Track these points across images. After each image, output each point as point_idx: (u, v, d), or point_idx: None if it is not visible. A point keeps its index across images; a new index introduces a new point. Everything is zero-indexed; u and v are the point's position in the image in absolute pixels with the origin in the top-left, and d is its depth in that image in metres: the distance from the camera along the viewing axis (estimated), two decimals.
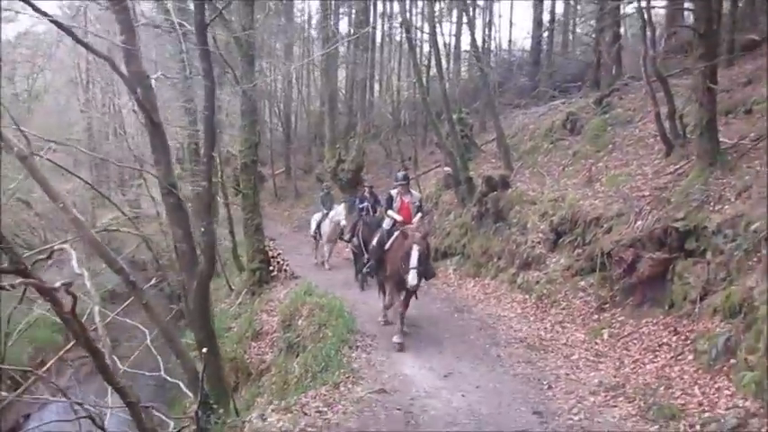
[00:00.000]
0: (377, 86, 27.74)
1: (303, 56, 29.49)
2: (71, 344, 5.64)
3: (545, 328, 7.76)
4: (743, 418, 4.17)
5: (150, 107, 5.54)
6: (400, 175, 8.63)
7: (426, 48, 15.21)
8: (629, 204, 8.24)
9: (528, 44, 20.93)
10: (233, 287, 14.54)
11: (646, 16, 9.44)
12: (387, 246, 7.94)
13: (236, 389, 10.15)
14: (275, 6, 20.25)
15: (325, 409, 5.02)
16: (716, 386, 4.96)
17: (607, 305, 7.60)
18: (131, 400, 5.00)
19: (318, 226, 13.42)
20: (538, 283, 9.06)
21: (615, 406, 5.16)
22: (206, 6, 6.30)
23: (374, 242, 8.49)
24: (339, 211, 12.55)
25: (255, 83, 12.56)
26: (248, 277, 13.03)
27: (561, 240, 9.19)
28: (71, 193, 17.18)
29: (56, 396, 6.04)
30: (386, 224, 8.32)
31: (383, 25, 21.85)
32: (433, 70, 15.54)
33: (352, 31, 22.11)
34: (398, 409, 5.11)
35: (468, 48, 18.28)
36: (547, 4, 19.93)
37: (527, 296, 9.07)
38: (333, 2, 22.21)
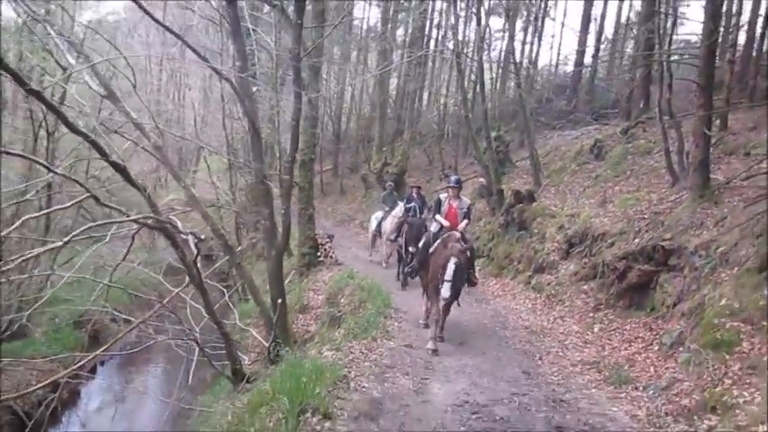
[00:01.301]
0: (426, 96, 29.43)
1: (359, 60, 31.50)
2: (184, 285, 7.49)
3: (548, 320, 9.30)
4: (672, 381, 5.69)
5: (253, 116, 7.38)
6: (453, 178, 8.55)
7: (474, 64, 16.52)
8: (630, 224, 9.71)
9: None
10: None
11: (664, 66, 10.85)
12: (431, 250, 7.94)
13: None
14: (337, 15, 22.20)
15: (367, 351, 6.74)
16: (665, 366, 6.43)
17: (602, 306, 9.06)
18: (225, 331, 6.85)
19: (379, 224, 13.73)
20: (549, 284, 10.59)
21: (587, 375, 6.70)
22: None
23: (420, 244, 8.50)
24: (401, 210, 12.62)
25: (320, 92, 14.42)
26: (298, 260, 14.84)
27: (572, 250, 10.69)
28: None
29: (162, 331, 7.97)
30: (433, 228, 8.30)
31: (436, 44, 23.46)
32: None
33: (407, 40, 23.93)
34: (420, 359, 6.80)
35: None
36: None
37: (538, 295, 10.61)
38: (391, 11, 23.91)
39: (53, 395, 10.13)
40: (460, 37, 17.09)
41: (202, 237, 6.10)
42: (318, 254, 14.69)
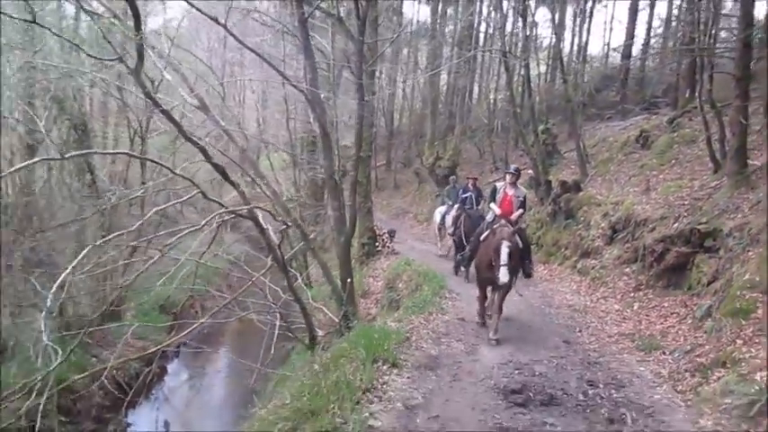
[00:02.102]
0: (476, 89, 30.08)
1: (409, 57, 32.45)
2: (267, 268, 8.73)
3: (590, 300, 10.07)
4: (695, 346, 6.46)
5: (323, 120, 8.52)
6: (512, 167, 8.51)
7: (521, 62, 17.20)
8: (671, 209, 10.32)
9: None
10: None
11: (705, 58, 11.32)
12: (482, 238, 7.97)
13: None
14: (388, 16, 23.22)
15: (425, 322, 7.78)
16: (694, 336, 7.16)
17: (642, 286, 9.75)
18: (303, 305, 8.04)
19: (443, 218, 13.92)
20: (593, 268, 11.32)
21: (621, 344, 7.50)
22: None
23: (476, 233, 8.53)
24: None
25: (375, 93, 15.51)
26: (358, 250, 16.03)
27: (616, 236, 11.35)
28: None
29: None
30: (489, 216, 8.25)
31: (485, 40, 24.11)
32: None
33: (455, 38, 24.68)
34: (471, 329, 7.79)
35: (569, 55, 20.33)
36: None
37: (582, 278, 11.36)
38: (440, 8, 24.68)
39: (148, 368, 11.74)
40: (507, 36, 17.78)
41: (288, 224, 7.34)
42: (377, 244, 15.86)
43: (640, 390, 5.75)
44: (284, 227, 7.30)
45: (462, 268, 11.28)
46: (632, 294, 9.73)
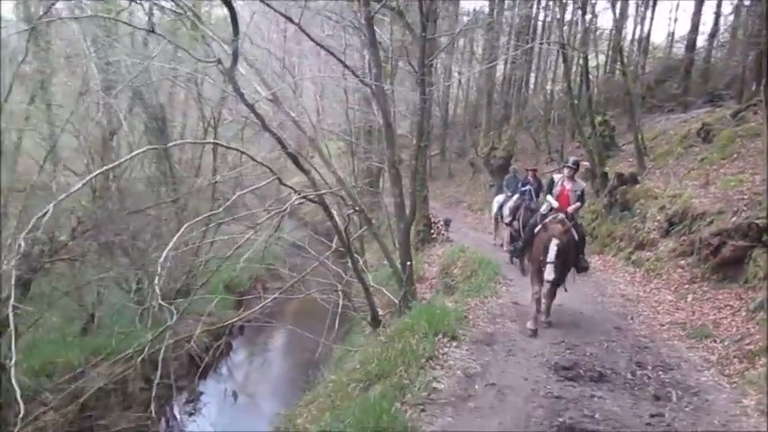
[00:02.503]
0: (533, 79, 29.91)
1: (465, 47, 32.51)
2: (331, 251, 9.40)
3: (644, 291, 10.25)
4: (745, 335, 6.69)
5: (386, 113, 9.06)
6: (571, 159, 8.41)
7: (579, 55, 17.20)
8: (729, 204, 10.34)
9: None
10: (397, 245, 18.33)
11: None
12: (535, 231, 7.86)
13: None
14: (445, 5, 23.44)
15: (480, 305, 8.26)
16: (746, 327, 7.35)
17: (697, 279, 9.85)
18: (366, 285, 8.64)
19: (500, 208, 13.75)
20: (648, 260, 11.44)
21: (672, 332, 7.75)
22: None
23: (529, 225, 8.41)
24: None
25: (433, 85, 15.93)
26: (414, 236, 16.55)
27: (672, 229, 11.42)
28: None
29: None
30: (543, 209, 8.18)
31: (543, 31, 24.02)
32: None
33: (513, 29, 24.68)
34: (525, 312, 8.19)
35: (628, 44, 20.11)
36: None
37: (637, 269, 11.50)
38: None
39: (216, 343, 12.69)
40: (566, 26, 17.76)
41: (356, 209, 7.97)
42: (432, 231, 16.37)
43: (687, 372, 6.06)
44: (351, 211, 7.93)
45: (515, 259, 11.55)
46: (686, 286, 9.86)
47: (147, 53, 12.52)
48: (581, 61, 16.29)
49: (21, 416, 4.84)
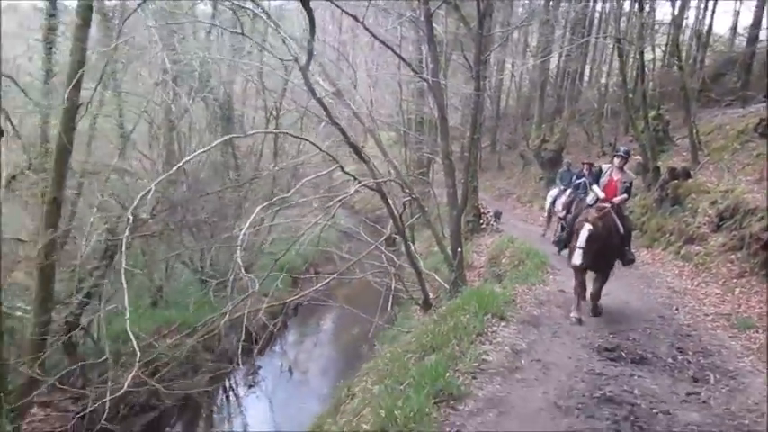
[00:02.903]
0: (587, 71, 29.58)
1: (519, 40, 32.36)
2: (385, 237, 9.99)
3: (691, 284, 10.41)
4: None
5: (442, 106, 9.54)
6: (622, 149, 8.20)
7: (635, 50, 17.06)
8: None
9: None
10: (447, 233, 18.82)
11: None
12: (578, 221, 7.60)
13: None
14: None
15: (527, 291, 8.69)
16: None
17: (746, 273, 9.95)
18: (419, 269, 9.20)
19: (554, 202, 13.77)
20: (697, 254, 11.53)
21: (716, 322, 7.98)
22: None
23: (573, 216, 8.44)
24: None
25: (486, 78, 16.23)
26: (463, 226, 16.99)
27: (723, 224, 11.47)
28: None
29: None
30: (589, 199, 8.06)
31: (599, 24, 23.78)
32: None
33: (569, 19, 24.52)
34: (571, 300, 8.57)
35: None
36: None
37: (685, 263, 11.60)
38: None
39: (273, 321, 13.54)
40: (623, 20, 17.70)
41: (413, 196, 8.55)
42: (481, 222, 16.77)
43: (727, 358, 6.36)
44: (408, 199, 8.49)
45: (562, 251, 11.80)
46: (734, 280, 9.97)
47: (210, 47, 13.47)
48: (637, 55, 16.23)
49: (138, 359, 5.63)
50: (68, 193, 8.91)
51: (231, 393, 13.74)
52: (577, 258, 6.96)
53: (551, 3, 24.30)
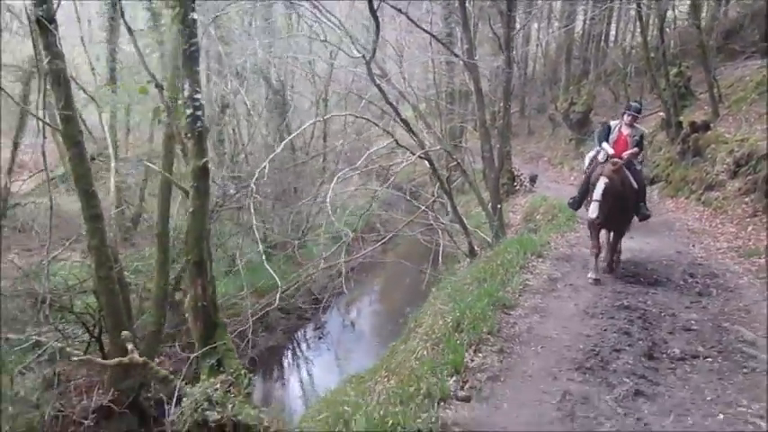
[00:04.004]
0: (613, 32, 30.06)
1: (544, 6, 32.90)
2: (432, 201, 11.49)
3: (709, 225, 11.62)
4: None
5: (477, 80, 10.88)
6: (634, 105, 8.16)
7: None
8: None
9: None
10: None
11: None
12: (592, 179, 7.67)
13: None
14: None
15: (560, 237, 10.11)
16: None
17: (759, 213, 11.09)
18: (464, 224, 10.66)
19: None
20: (716, 199, 12.68)
21: (727, 254, 9.26)
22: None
23: (587, 174, 8.31)
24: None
25: (514, 50, 17.35)
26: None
27: (739, 170, 12.58)
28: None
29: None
30: (600, 156, 8.00)
31: None
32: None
33: None
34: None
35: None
36: None
37: (705, 208, 12.78)
38: None
39: (332, 284, 15.24)
40: None
41: (457, 161, 10.02)
42: (515, 184, 18.09)
43: (730, 279, 7.70)
44: (454, 164, 9.94)
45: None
46: (748, 219, 11.14)
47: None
48: (656, 19, 17.05)
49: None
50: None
51: (304, 346, 15.58)
52: (594, 211, 7.02)
53: None
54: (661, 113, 16.89)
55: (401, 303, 15.94)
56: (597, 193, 7.04)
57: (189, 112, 6.75)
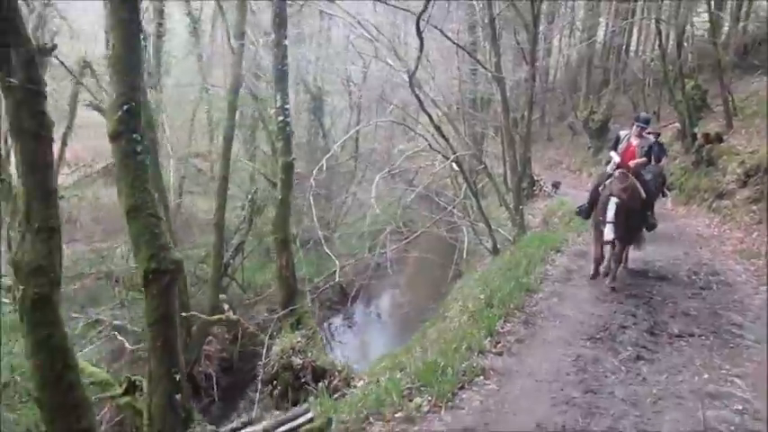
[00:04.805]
0: (633, 42, 30.74)
1: (565, 14, 33.68)
2: (458, 201, 12.48)
3: (717, 231, 12.47)
4: None
5: (503, 91, 11.85)
6: (643, 115, 8.26)
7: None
8: None
9: None
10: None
11: None
12: (600, 189, 7.75)
13: None
14: None
15: (577, 236, 11.03)
16: None
17: (765, 220, 11.96)
18: (489, 223, 11.62)
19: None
20: (725, 207, 13.51)
21: (731, 256, 10.11)
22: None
23: (595, 184, 8.25)
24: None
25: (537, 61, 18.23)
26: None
27: (748, 180, 13.39)
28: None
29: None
30: (609, 167, 8.01)
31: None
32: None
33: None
34: None
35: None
36: None
37: (715, 215, 13.60)
38: None
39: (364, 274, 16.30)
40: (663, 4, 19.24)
41: (483, 164, 11.04)
42: (534, 188, 18.99)
43: (730, 276, 8.58)
44: (481, 166, 10.96)
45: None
46: (754, 226, 11.96)
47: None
48: (674, 36, 17.83)
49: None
50: None
51: (333, 332, 16.65)
52: (609, 234, 7.00)
53: None
54: (677, 124, 17.68)
55: (426, 296, 16.93)
56: (610, 214, 7.03)
57: (280, 119, 8.03)
